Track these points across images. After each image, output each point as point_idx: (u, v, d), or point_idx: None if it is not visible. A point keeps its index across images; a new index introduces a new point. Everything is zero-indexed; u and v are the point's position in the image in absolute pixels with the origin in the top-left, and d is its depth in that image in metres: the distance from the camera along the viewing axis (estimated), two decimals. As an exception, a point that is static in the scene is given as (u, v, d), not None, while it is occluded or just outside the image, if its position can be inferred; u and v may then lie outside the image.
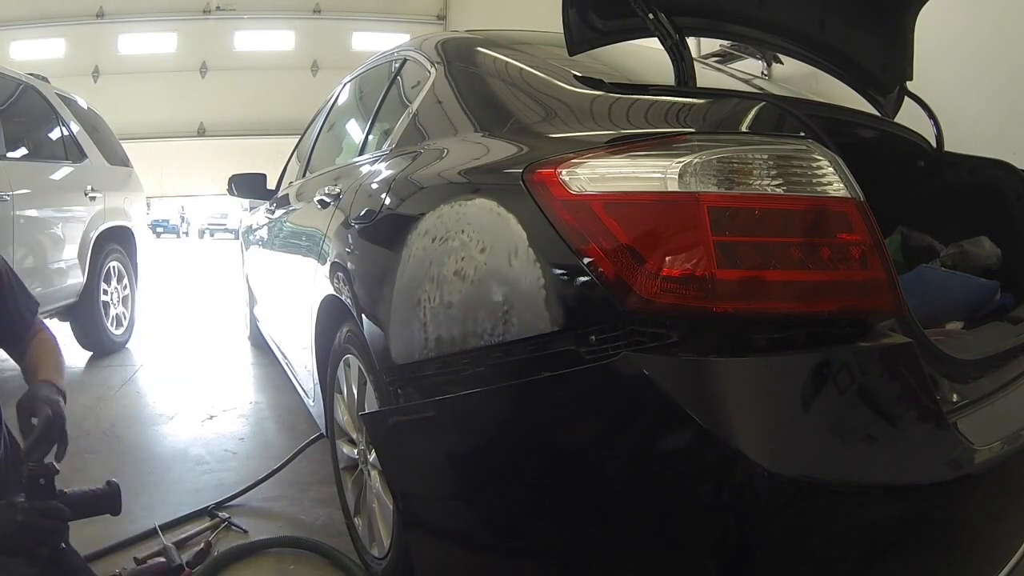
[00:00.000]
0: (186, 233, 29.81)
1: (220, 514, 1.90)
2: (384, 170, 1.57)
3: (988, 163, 1.78)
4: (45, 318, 3.24)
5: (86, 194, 3.79)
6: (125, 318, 4.29)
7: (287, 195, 2.75)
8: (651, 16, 1.21)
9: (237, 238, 5.63)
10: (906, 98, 1.90)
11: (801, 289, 0.86)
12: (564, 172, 0.93)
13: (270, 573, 1.64)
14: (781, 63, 3.81)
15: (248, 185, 3.15)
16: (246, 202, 3.98)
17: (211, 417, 2.88)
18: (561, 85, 1.32)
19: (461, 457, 1.12)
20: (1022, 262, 1.64)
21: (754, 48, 3.55)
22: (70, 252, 3.61)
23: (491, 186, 1.10)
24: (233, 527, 1.85)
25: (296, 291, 2.11)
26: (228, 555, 1.66)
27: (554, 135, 1.17)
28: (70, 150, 3.85)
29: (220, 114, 11.09)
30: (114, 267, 4.13)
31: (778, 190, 0.87)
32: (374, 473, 1.53)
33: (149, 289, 5.17)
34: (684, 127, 1.08)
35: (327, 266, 1.67)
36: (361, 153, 2.03)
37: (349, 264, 1.51)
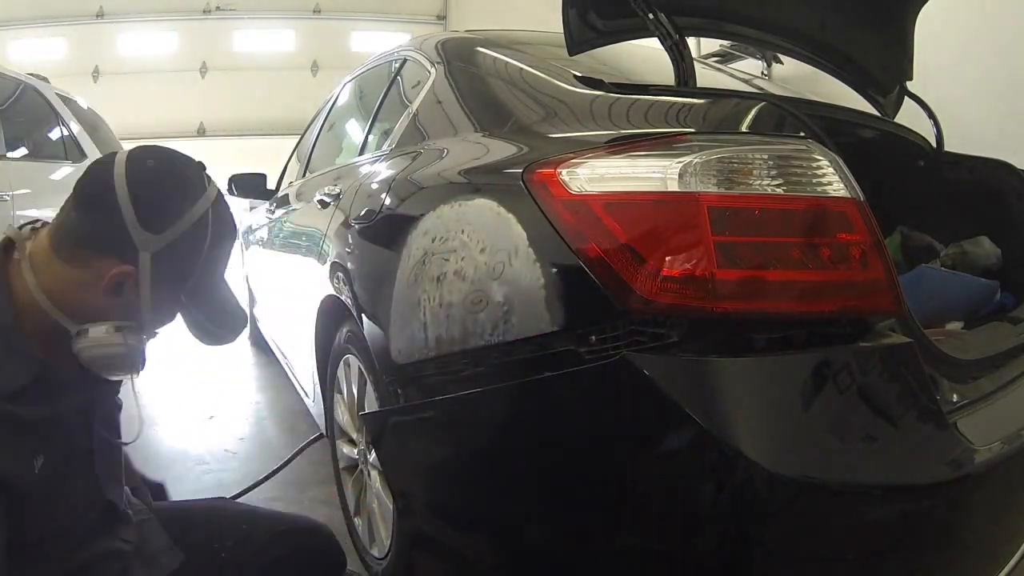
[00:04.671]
0: (186, 233, 29.68)
1: (220, 514, 1.89)
2: (384, 170, 1.57)
3: (988, 163, 1.78)
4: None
5: (86, 194, 3.78)
6: (125, 318, 4.27)
7: (287, 195, 2.75)
8: (651, 16, 1.21)
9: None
10: (906, 98, 1.90)
11: (801, 289, 0.86)
12: (564, 172, 0.93)
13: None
14: (781, 63, 3.81)
15: (248, 185, 3.15)
16: (246, 202, 3.98)
17: (211, 417, 2.88)
18: (561, 85, 1.32)
19: (461, 457, 1.12)
20: (1022, 262, 1.63)
21: (754, 48, 3.55)
22: (70, 252, 3.59)
23: (491, 186, 1.10)
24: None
25: (296, 291, 2.11)
26: None
27: (554, 135, 1.17)
28: (70, 150, 3.84)
29: (220, 114, 11.06)
30: (114, 267, 4.12)
31: (778, 190, 0.87)
32: (374, 473, 1.53)
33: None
34: (684, 127, 1.08)
35: (327, 266, 1.66)
36: (361, 153, 2.02)
37: (349, 264, 1.51)
